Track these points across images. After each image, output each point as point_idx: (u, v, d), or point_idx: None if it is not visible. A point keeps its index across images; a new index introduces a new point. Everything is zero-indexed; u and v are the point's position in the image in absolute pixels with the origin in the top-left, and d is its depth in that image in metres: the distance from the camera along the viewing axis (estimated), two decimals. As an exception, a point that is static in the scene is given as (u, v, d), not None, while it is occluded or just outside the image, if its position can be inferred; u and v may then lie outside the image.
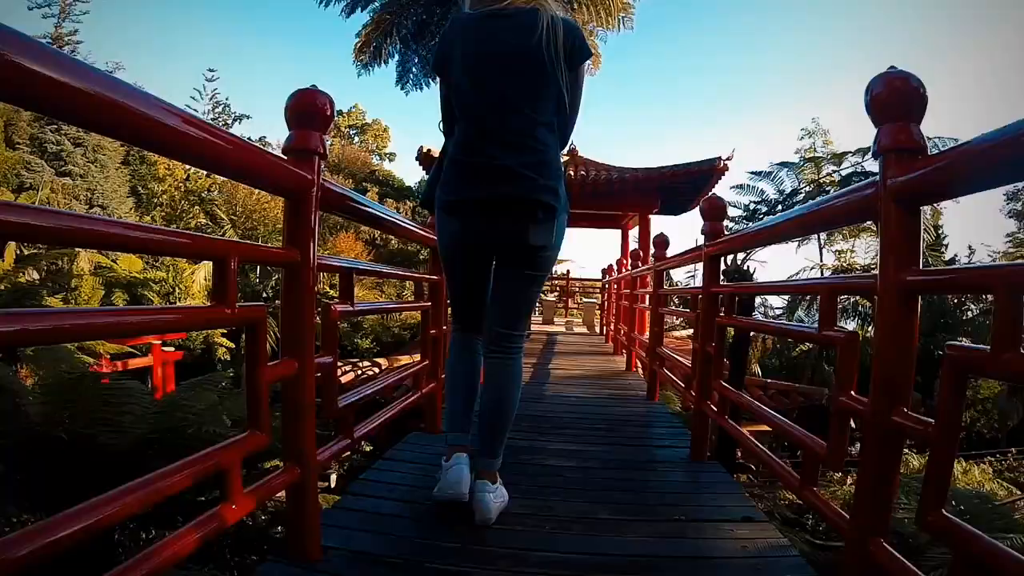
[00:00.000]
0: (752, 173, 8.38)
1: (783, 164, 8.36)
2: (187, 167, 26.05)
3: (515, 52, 1.42)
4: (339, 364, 7.52)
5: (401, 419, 2.46)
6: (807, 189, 7.64)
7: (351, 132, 39.92)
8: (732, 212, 10.84)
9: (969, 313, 15.08)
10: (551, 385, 3.69)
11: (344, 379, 7.97)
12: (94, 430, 2.64)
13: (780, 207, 7.49)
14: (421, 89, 9.14)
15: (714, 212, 2.14)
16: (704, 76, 74.48)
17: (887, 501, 1.07)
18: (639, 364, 4.56)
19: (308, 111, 1.26)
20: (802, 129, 15.94)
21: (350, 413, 1.56)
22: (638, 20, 9.18)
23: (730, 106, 69.82)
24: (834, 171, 7.49)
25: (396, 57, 8.72)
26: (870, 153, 1.19)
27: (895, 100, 1.06)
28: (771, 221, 1.50)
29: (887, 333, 1.04)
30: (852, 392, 1.14)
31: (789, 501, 8.00)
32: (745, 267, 5.27)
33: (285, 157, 1.23)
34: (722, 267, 2.26)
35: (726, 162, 7.57)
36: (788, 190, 7.90)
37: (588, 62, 1.56)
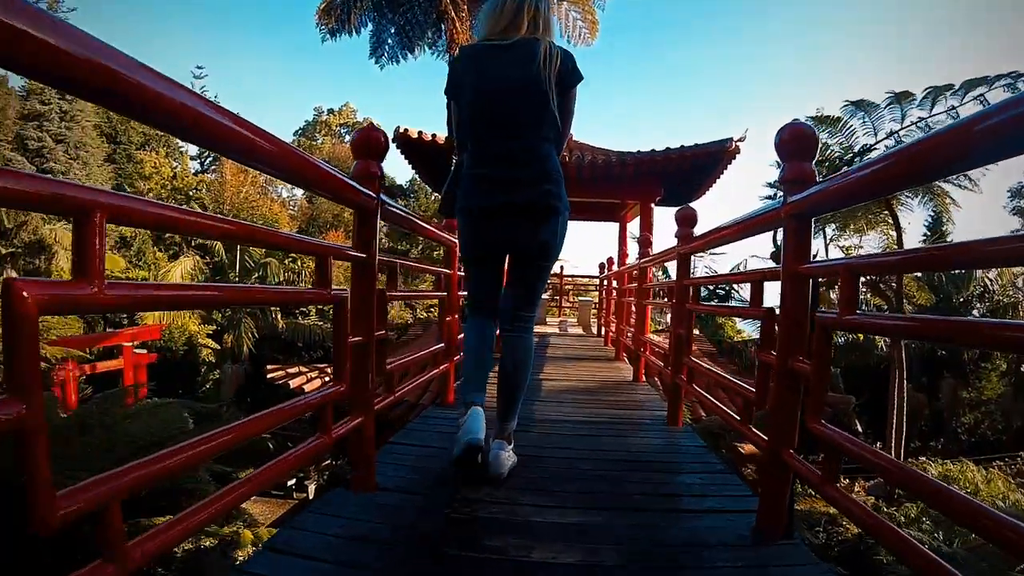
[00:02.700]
0: (813, 119, 6.92)
1: (857, 104, 6.52)
2: (174, 165, 25.27)
3: (516, 80, 1.62)
4: (303, 370, 6.58)
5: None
6: (900, 133, 5.95)
7: (342, 131, 39.20)
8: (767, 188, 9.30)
9: (975, 313, 14.48)
10: (540, 405, 2.86)
11: (310, 387, 7.08)
12: None
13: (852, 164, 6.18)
14: (397, 62, 8.23)
15: (800, 148, 1.34)
16: (699, 79, 74.20)
17: None
18: (644, 371, 3.77)
19: None
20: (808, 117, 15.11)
21: (113, 513, 0.74)
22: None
23: (725, 113, 69.38)
24: (953, 107, 5.77)
25: (369, 26, 7.83)
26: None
27: None
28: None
29: None
30: None
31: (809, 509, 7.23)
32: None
33: None
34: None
35: (738, 144, 6.80)
36: (868, 142, 6.23)
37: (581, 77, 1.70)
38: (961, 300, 15.08)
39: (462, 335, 3.26)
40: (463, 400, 1.70)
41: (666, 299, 7.08)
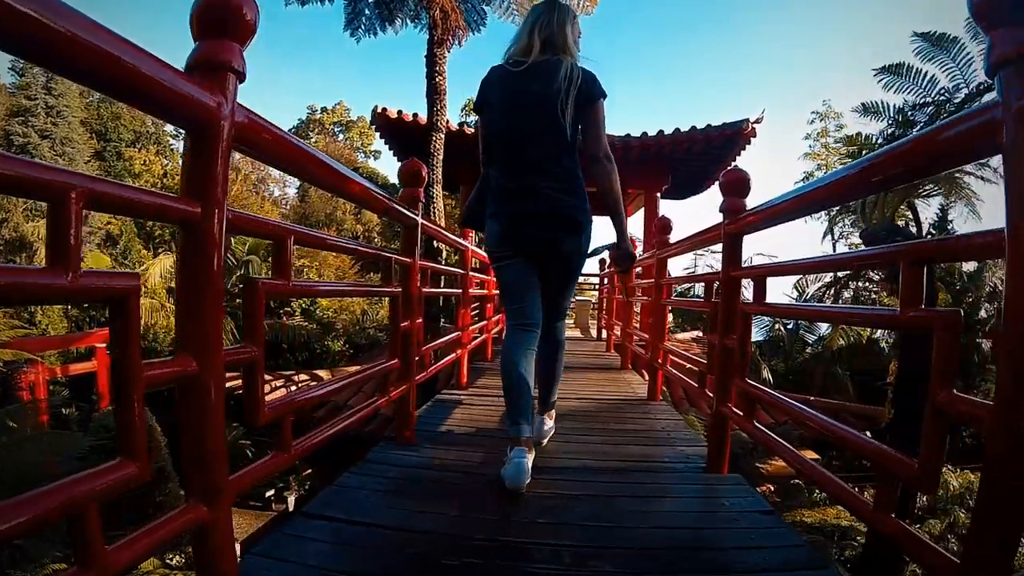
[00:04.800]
0: (883, 70, 5.64)
1: (937, 42, 5.14)
2: (164, 163, 24.50)
3: (537, 98, 1.73)
4: (268, 377, 5.90)
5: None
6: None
7: (336, 129, 38.54)
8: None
9: (983, 313, 13.93)
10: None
11: (272, 396, 6.39)
12: None
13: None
14: (375, 35, 7.51)
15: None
16: (696, 77, 73.85)
17: None
18: (657, 385, 3.07)
19: None
20: (813, 112, 14.47)
21: None
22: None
23: (720, 110, 68.90)
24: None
25: (344, -7, 7.12)
26: None
27: None
28: None
29: None
30: None
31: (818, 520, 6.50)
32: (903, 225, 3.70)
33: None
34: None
35: (754, 125, 6.13)
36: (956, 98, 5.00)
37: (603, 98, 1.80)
38: (970, 300, 14.53)
39: (434, 343, 2.62)
40: (508, 434, 1.73)
41: (683, 298, 6.34)
